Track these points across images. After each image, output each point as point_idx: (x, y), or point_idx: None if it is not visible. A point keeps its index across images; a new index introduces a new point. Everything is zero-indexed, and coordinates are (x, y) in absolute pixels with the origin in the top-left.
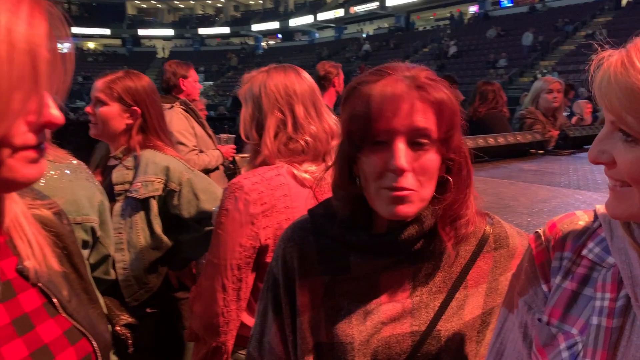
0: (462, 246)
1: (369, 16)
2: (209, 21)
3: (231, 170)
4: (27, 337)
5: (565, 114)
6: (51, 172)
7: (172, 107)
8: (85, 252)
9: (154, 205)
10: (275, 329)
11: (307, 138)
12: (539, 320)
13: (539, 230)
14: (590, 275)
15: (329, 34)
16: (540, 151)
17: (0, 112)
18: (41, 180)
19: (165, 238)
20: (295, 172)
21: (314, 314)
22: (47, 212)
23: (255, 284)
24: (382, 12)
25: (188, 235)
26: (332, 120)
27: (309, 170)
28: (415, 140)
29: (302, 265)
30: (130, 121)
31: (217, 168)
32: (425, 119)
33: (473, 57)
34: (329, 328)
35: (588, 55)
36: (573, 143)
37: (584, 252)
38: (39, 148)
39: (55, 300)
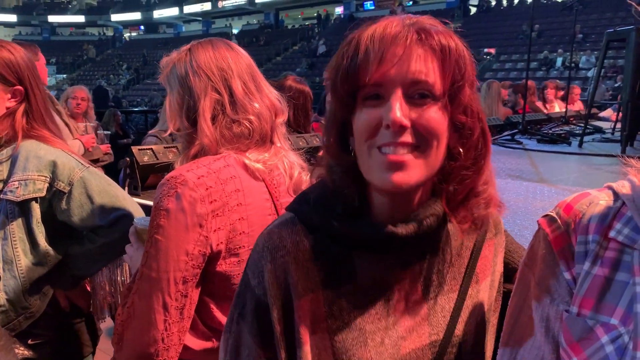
0: (467, 234)
1: (238, 11)
2: (60, 8)
3: (126, 164)
4: None
5: None
6: None
7: None
8: None
9: (36, 209)
10: None
11: (251, 117)
12: (567, 312)
13: (551, 213)
14: (622, 259)
15: (196, 27)
16: None
17: None
18: None
19: (51, 250)
20: (247, 162)
21: (318, 341)
22: None
23: (200, 298)
24: (251, 8)
25: (81, 247)
26: (273, 96)
27: (259, 159)
28: (415, 93)
29: (299, 279)
30: (12, 104)
31: None
32: (426, 68)
33: None
34: (338, 356)
35: None
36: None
37: (612, 233)
38: None
39: None
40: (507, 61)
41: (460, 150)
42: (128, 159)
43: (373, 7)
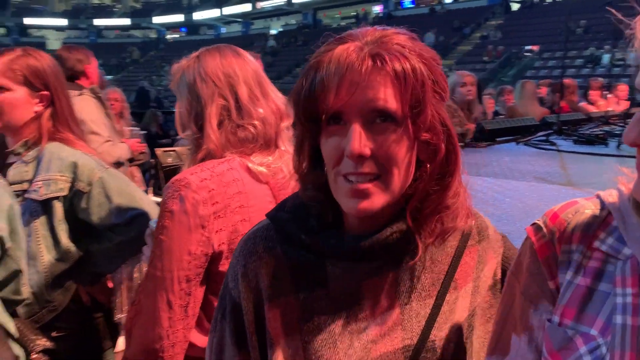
0: (447, 242)
1: (276, 12)
2: (106, 12)
3: (150, 165)
4: None
5: None
6: None
7: (80, 94)
8: None
9: (58, 208)
10: None
11: (255, 122)
12: (549, 321)
13: (538, 222)
14: (605, 269)
15: (236, 28)
16: (461, 144)
17: None
18: None
19: (72, 247)
20: (250, 165)
21: (290, 343)
22: None
23: (205, 297)
24: (289, 9)
25: (100, 245)
26: (279, 100)
27: (263, 163)
28: (376, 118)
29: (271, 284)
30: (39, 108)
31: (123, 163)
32: (384, 95)
33: None
34: (309, 357)
35: (483, 55)
36: (489, 136)
37: (596, 243)
38: None
39: None
40: (550, 59)
41: (428, 166)
42: (153, 160)
43: (412, 5)
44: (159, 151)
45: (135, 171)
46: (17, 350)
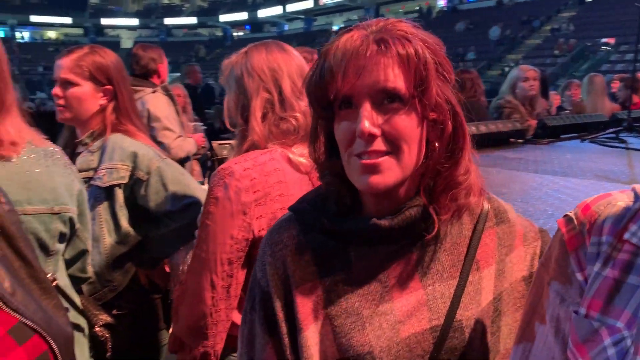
0: (464, 224)
1: (339, 8)
2: (175, 11)
3: (207, 157)
4: None
5: None
6: (27, 154)
7: (154, 91)
8: (61, 246)
9: (119, 194)
10: (270, 352)
11: (297, 115)
12: (576, 312)
13: (569, 214)
14: (635, 262)
15: (299, 25)
16: (520, 140)
17: None
18: (16, 163)
19: (132, 231)
20: (291, 156)
21: (319, 327)
22: None
23: (246, 280)
24: (352, 4)
25: (157, 230)
26: None
27: (304, 154)
28: (384, 99)
29: (296, 270)
30: (104, 101)
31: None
32: (390, 76)
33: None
34: (339, 340)
35: (553, 49)
36: (551, 132)
37: (626, 235)
38: None
39: None
40: (628, 52)
41: (436, 144)
42: (209, 152)
43: None
44: (215, 144)
45: (195, 164)
46: (82, 323)
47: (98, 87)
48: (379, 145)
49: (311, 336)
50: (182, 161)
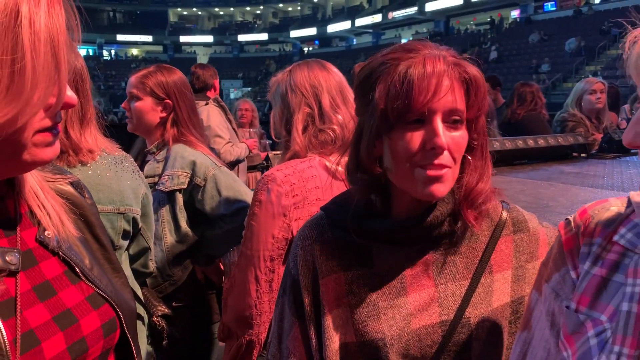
0: (482, 230)
1: (408, 21)
2: (247, 28)
3: (264, 167)
4: (49, 303)
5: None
6: (100, 161)
7: (207, 103)
8: (125, 242)
9: (179, 198)
10: (296, 332)
11: (335, 127)
12: (567, 307)
13: (569, 217)
14: (622, 262)
15: (367, 39)
16: (583, 154)
17: (26, 102)
18: (90, 167)
19: (190, 232)
20: (328, 164)
21: (339, 313)
22: (64, 183)
23: None
24: (421, 17)
25: (212, 231)
26: None
27: (341, 162)
28: (450, 119)
29: (322, 262)
30: (163, 114)
31: (242, 160)
32: (460, 99)
33: (515, 62)
34: (356, 326)
35: None
36: (618, 146)
37: (615, 237)
38: (54, 130)
39: (76, 268)
40: None
41: (470, 160)
42: (265, 162)
43: (555, 8)
44: (271, 154)
45: (259, 175)
46: (142, 312)
47: (157, 101)
48: (446, 159)
49: (333, 321)
50: (233, 164)
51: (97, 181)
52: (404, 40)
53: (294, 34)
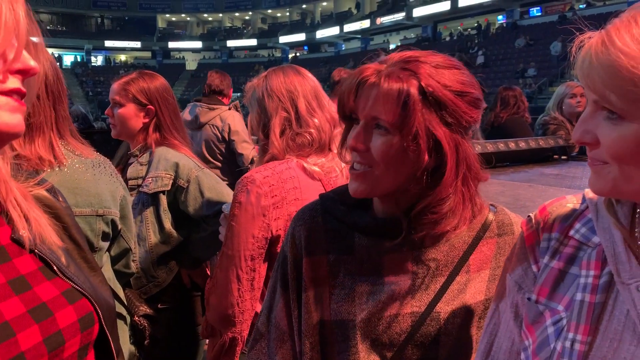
0: (466, 231)
1: (396, 27)
2: (236, 33)
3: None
4: (24, 296)
5: None
6: (76, 165)
7: (230, 108)
8: (105, 244)
9: (163, 200)
10: (282, 304)
11: (312, 130)
12: (529, 299)
13: (530, 215)
14: (577, 255)
15: (355, 45)
16: (564, 157)
17: None
18: (67, 172)
19: (174, 233)
20: (305, 165)
21: (319, 291)
22: (41, 190)
23: (267, 274)
24: (409, 23)
25: (197, 234)
26: (333, 109)
27: (317, 163)
28: (373, 124)
29: (309, 243)
30: (146, 120)
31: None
32: (379, 107)
33: (501, 67)
34: (332, 306)
35: None
36: None
37: (571, 232)
38: (18, 96)
39: (52, 265)
40: None
41: (418, 172)
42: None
43: (540, 14)
44: (256, 157)
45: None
46: (124, 312)
47: (140, 107)
48: (362, 158)
49: (312, 297)
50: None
51: (74, 185)
52: (392, 46)
53: (283, 39)
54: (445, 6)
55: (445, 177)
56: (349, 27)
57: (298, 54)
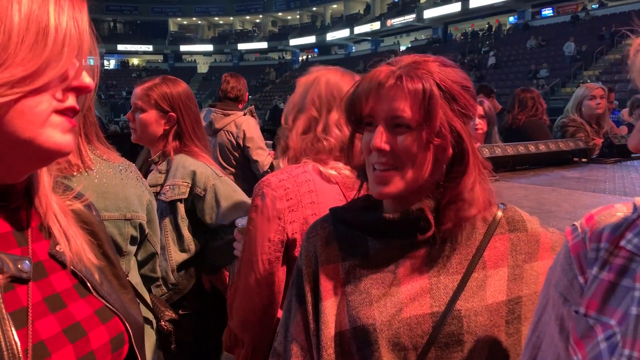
0: (476, 228)
1: (406, 28)
2: (247, 37)
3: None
4: (59, 314)
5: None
6: (104, 169)
7: (245, 114)
8: (133, 248)
9: (181, 208)
10: (298, 318)
11: (332, 140)
12: (576, 312)
13: (576, 223)
14: (629, 266)
15: (365, 47)
16: (584, 159)
17: (47, 62)
18: (95, 176)
19: (193, 240)
20: (321, 169)
21: (336, 300)
22: (79, 205)
23: (287, 279)
24: (420, 24)
25: (215, 242)
26: None
27: (335, 167)
28: (394, 124)
29: (323, 253)
30: (167, 127)
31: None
32: (400, 106)
33: (513, 68)
34: (350, 313)
35: None
36: (619, 151)
37: (622, 242)
38: (71, 115)
39: (87, 282)
40: None
41: (443, 165)
42: (270, 172)
43: (552, 14)
44: (275, 162)
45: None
46: (150, 317)
47: (161, 114)
48: (387, 158)
49: (329, 307)
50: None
51: (103, 189)
52: (402, 48)
53: (294, 42)
54: (456, 7)
55: (470, 165)
56: (359, 29)
57: (309, 57)
